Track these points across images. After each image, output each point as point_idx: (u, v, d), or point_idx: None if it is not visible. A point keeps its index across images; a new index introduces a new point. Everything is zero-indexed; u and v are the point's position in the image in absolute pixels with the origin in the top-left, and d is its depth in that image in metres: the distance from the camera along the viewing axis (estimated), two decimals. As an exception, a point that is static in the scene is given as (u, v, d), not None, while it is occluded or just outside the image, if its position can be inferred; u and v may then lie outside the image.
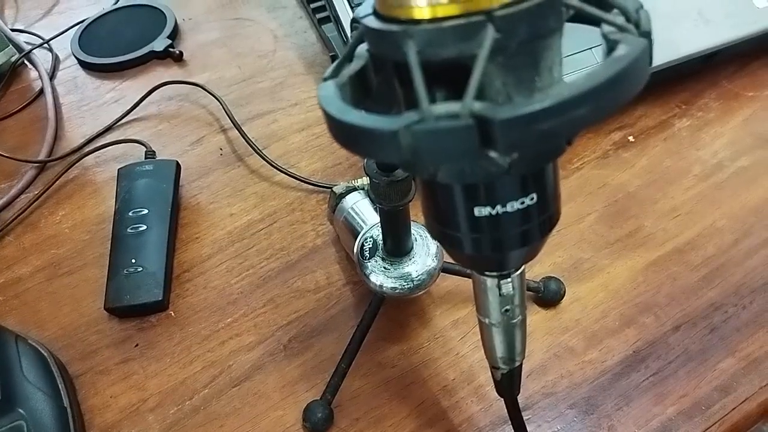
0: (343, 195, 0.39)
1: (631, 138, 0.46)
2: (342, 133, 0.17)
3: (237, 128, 0.49)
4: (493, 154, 0.15)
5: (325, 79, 0.19)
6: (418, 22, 0.16)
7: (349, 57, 0.20)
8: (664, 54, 0.44)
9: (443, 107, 0.15)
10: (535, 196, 0.20)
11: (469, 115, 0.15)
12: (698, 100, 0.48)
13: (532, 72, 0.17)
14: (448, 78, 0.17)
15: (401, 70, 0.18)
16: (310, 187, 0.46)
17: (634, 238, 0.40)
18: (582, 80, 0.15)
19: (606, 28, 0.17)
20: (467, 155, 0.15)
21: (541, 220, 0.20)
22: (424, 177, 0.20)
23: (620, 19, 0.17)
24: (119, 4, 0.63)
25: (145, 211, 0.42)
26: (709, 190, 0.42)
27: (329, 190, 0.39)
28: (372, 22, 0.17)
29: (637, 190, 0.43)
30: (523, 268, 0.24)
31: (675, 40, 0.45)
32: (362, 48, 0.19)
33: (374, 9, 0.18)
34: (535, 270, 0.39)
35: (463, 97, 0.15)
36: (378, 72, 0.19)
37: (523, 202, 0.19)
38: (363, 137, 0.16)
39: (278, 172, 0.47)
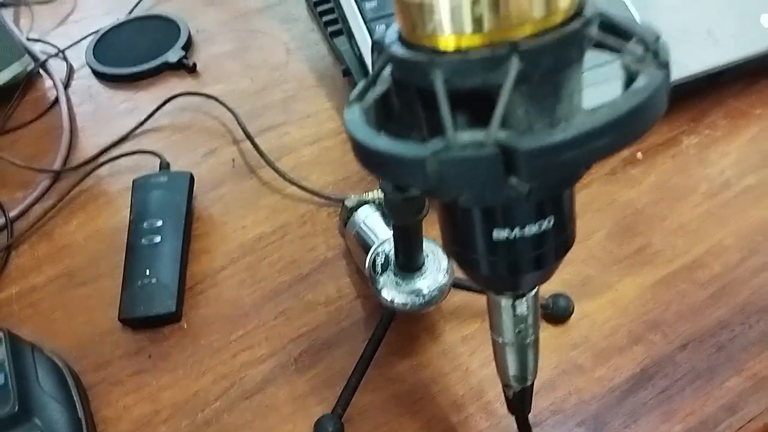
0: (354, 209, 0.39)
1: (639, 155, 0.46)
2: (368, 158, 0.17)
3: (250, 140, 0.50)
4: (514, 181, 0.16)
5: (351, 103, 0.19)
6: (445, 52, 0.17)
7: (374, 81, 0.20)
8: (673, 72, 0.44)
9: (469, 135, 0.15)
10: (552, 219, 0.20)
11: (494, 144, 0.15)
12: (706, 118, 0.48)
13: (554, 100, 0.18)
14: (472, 104, 0.18)
15: (425, 95, 0.18)
16: (322, 200, 0.46)
17: (642, 255, 0.41)
18: (603, 111, 0.16)
19: (626, 58, 0.18)
20: (491, 183, 0.16)
21: (557, 243, 0.21)
22: (445, 201, 0.20)
23: (639, 49, 0.18)
24: (133, 15, 0.64)
25: (160, 223, 0.43)
26: (716, 208, 0.43)
27: (340, 203, 0.40)
28: (399, 50, 0.18)
29: (645, 207, 0.43)
30: (537, 288, 0.24)
31: (684, 58, 0.45)
32: (386, 72, 0.20)
33: (400, 35, 0.19)
34: (544, 287, 0.39)
35: (489, 126, 0.16)
36: (401, 95, 0.20)
37: (540, 226, 0.20)
38: (389, 163, 0.17)
39: (290, 184, 0.47)
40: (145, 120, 0.53)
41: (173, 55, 0.58)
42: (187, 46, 0.60)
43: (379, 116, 0.20)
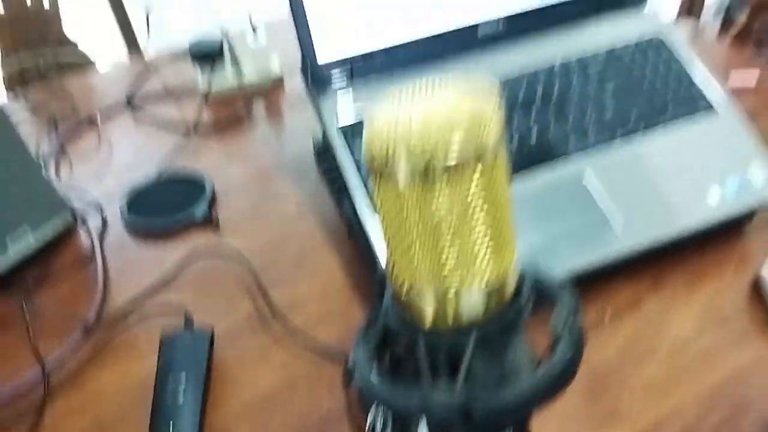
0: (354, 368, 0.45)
1: (606, 315, 0.53)
2: (369, 394, 0.24)
3: (263, 296, 0.57)
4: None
5: (357, 343, 0.26)
6: (422, 331, 0.24)
7: (374, 321, 0.27)
8: (635, 240, 0.52)
9: (441, 396, 0.22)
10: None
11: (458, 405, 0.22)
12: (666, 279, 0.55)
13: (503, 358, 0.24)
14: (446, 355, 0.24)
15: (411, 345, 0.25)
16: (328, 356, 0.52)
17: (610, 416, 0.46)
18: (536, 377, 0.22)
19: (552, 322, 0.24)
20: (453, 423, 0.22)
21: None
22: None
23: (563, 315, 0.25)
24: (164, 170, 0.73)
25: (183, 378, 0.48)
26: (676, 369, 0.48)
27: (345, 359, 0.45)
28: (393, 322, 0.25)
29: (613, 368, 0.49)
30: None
31: (645, 226, 0.53)
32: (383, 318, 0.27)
33: (393, 296, 0.26)
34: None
35: (455, 385, 0.22)
36: (394, 340, 0.27)
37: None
38: (384, 401, 0.23)
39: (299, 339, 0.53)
40: (173, 275, 0.60)
41: (199, 212, 0.66)
42: (212, 202, 0.68)
43: (379, 350, 0.26)
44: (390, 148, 0.22)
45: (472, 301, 0.23)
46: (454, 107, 0.23)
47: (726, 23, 1.08)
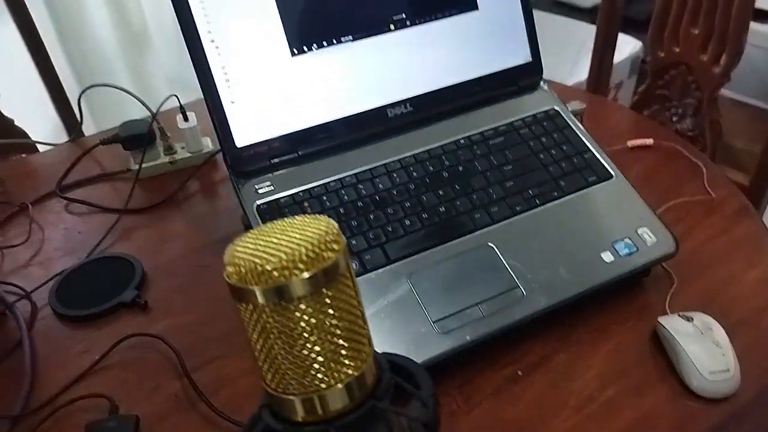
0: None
1: (519, 373, 0.56)
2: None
3: (187, 377, 0.58)
4: None
5: None
6: (292, 423, 0.26)
7: (258, 414, 0.29)
8: (545, 299, 0.55)
9: None
10: None
11: None
12: (572, 335, 0.58)
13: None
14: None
15: None
16: None
17: (524, 469, 0.48)
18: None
19: (412, 409, 0.27)
20: None
21: None
22: None
23: (419, 405, 0.28)
24: (93, 256, 0.74)
25: (107, 468, 0.49)
26: (582, 421, 0.51)
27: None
28: (268, 416, 0.27)
29: (525, 424, 0.51)
30: None
31: (550, 286, 0.56)
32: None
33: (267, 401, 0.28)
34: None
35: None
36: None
37: None
38: None
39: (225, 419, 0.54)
40: (99, 360, 0.60)
41: (128, 295, 0.67)
42: (141, 284, 0.69)
43: None
44: (245, 274, 0.26)
45: (336, 396, 0.27)
46: (300, 238, 0.27)
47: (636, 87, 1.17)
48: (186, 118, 0.87)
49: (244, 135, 0.61)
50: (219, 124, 0.60)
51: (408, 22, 0.63)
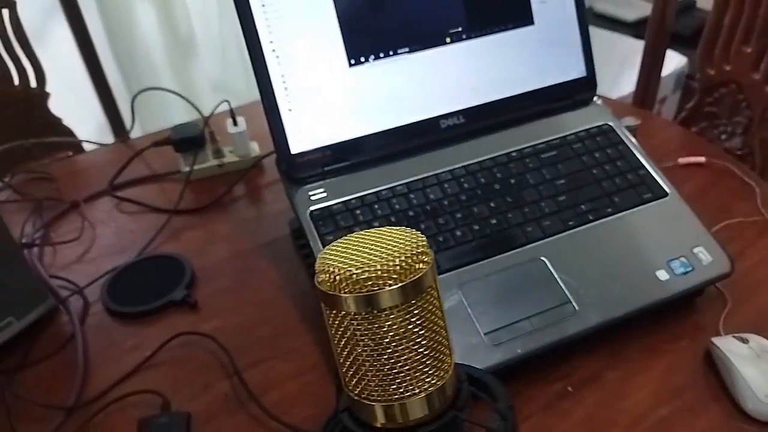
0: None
1: (569, 388, 0.55)
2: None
3: (239, 377, 0.58)
4: None
5: None
6: (374, 428, 0.26)
7: (335, 416, 0.30)
8: (596, 315, 0.55)
9: None
10: None
11: None
12: (624, 353, 0.58)
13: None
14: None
15: None
16: (303, 434, 0.54)
17: (575, 487, 0.48)
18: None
19: (492, 417, 0.27)
20: None
21: None
22: None
23: (498, 418, 0.28)
24: (144, 254, 0.75)
25: (160, 463, 0.50)
26: (634, 441, 0.50)
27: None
28: (348, 420, 0.28)
29: (576, 440, 0.51)
30: None
31: (603, 303, 0.56)
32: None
33: (348, 405, 0.29)
34: None
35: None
36: None
37: None
38: None
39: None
40: (150, 357, 0.62)
41: (178, 294, 0.68)
42: (190, 284, 0.70)
43: None
44: (338, 281, 0.27)
45: (417, 406, 0.27)
46: (392, 249, 0.28)
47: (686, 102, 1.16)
48: (236, 123, 0.88)
49: (299, 142, 0.62)
50: (275, 130, 0.61)
51: (464, 36, 0.64)
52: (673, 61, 1.78)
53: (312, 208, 0.61)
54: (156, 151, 0.93)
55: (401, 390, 0.28)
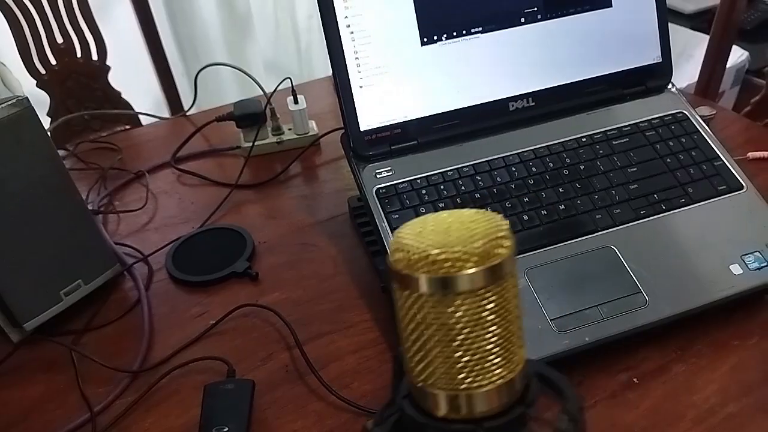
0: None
1: (635, 380, 0.54)
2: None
3: (300, 349, 0.59)
4: None
5: (376, 422, 0.29)
6: (435, 417, 0.26)
7: (393, 400, 0.29)
8: (664, 308, 0.54)
9: None
10: None
11: None
12: (692, 347, 0.56)
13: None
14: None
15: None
16: (360, 410, 0.54)
17: (641, 478, 0.47)
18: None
19: (560, 422, 0.27)
20: None
21: None
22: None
23: (565, 419, 0.27)
24: (206, 226, 0.77)
25: (226, 429, 0.51)
26: (703, 436, 0.49)
27: (374, 414, 0.47)
28: (408, 406, 0.28)
29: (642, 429, 0.50)
30: None
31: (673, 295, 0.55)
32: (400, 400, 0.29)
33: (409, 392, 0.28)
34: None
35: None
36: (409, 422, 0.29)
37: None
38: None
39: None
40: (214, 325, 0.63)
41: (240, 266, 0.69)
42: (251, 256, 0.71)
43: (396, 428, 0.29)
44: (413, 261, 0.26)
45: (483, 398, 0.26)
46: (472, 231, 0.26)
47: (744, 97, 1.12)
48: (296, 101, 0.89)
49: (368, 119, 0.62)
50: (346, 106, 0.61)
51: (539, 16, 0.63)
52: (734, 56, 1.72)
53: (378, 186, 0.61)
54: (215, 126, 0.94)
55: (468, 380, 0.26)
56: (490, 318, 0.26)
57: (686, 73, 1.48)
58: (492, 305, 0.26)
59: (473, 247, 0.25)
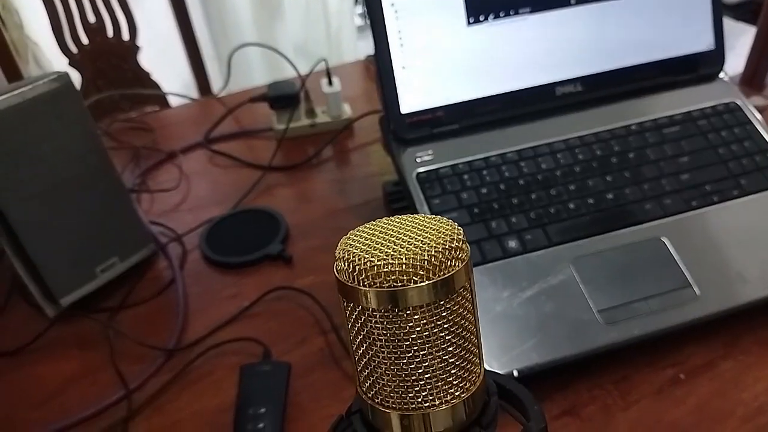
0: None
1: (682, 376, 0.53)
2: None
3: (336, 333, 0.58)
4: None
5: None
6: None
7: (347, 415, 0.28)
8: (709, 304, 0.52)
9: None
10: None
11: None
12: (740, 343, 0.55)
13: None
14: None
15: None
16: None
17: (688, 476, 0.45)
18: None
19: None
20: None
21: None
22: None
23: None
24: (240, 208, 0.76)
25: (263, 410, 0.50)
26: (754, 435, 0.48)
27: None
28: (359, 426, 0.26)
29: (688, 428, 0.49)
30: None
31: (728, 288, 0.53)
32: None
33: (360, 408, 0.27)
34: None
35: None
36: None
37: None
38: None
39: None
40: (249, 307, 0.62)
41: (274, 248, 0.68)
42: (285, 239, 0.71)
43: None
44: (358, 272, 0.23)
45: (438, 417, 0.24)
46: (422, 240, 0.24)
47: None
48: (330, 83, 0.88)
49: (410, 101, 0.60)
50: (387, 88, 0.60)
51: (591, -3, 0.61)
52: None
53: (419, 170, 0.60)
54: (246, 108, 0.93)
55: (420, 399, 0.24)
56: (443, 335, 0.24)
57: (729, 63, 1.44)
58: (445, 321, 0.24)
59: (421, 258, 0.23)
